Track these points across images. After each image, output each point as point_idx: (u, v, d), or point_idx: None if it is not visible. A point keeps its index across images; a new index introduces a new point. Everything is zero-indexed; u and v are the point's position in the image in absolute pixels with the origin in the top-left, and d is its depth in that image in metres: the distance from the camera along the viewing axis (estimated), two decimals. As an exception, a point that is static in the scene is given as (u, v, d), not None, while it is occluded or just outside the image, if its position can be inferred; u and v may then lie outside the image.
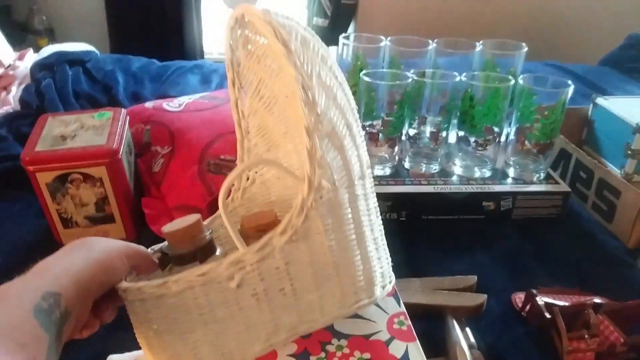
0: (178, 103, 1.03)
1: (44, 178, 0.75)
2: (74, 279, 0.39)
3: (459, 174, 0.95)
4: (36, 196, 0.77)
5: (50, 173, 0.75)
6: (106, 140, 0.78)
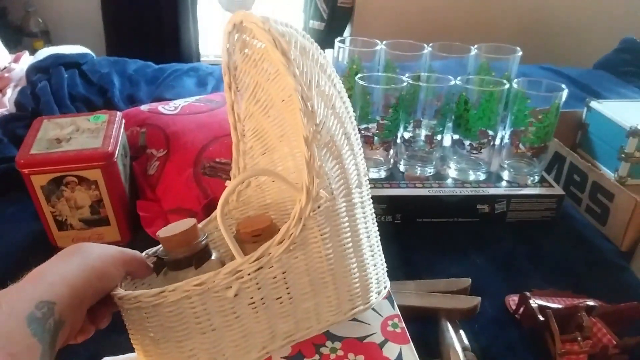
0: (174, 106, 1.03)
1: (39, 181, 0.75)
2: (68, 287, 0.38)
3: (454, 177, 0.95)
4: (31, 199, 0.77)
5: (45, 176, 0.75)
6: (101, 143, 0.78)
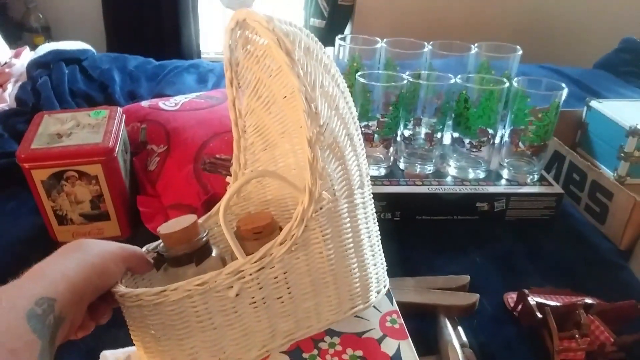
0: (174, 102, 1.03)
1: (40, 175, 0.75)
2: (68, 284, 0.39)
3: (453, 175, 0.96)
4: (31, 193, 0.77)
5: (46, 170, 0.75)
6: (102, 138, 0.78)
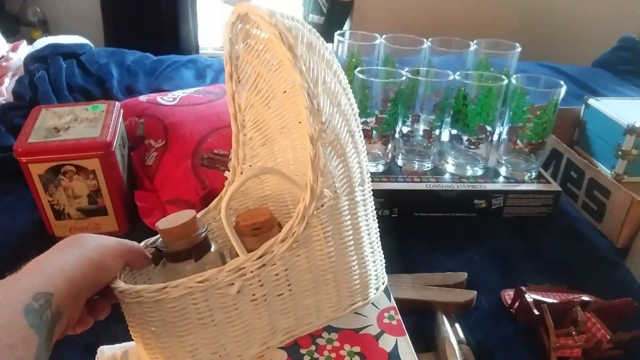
0: (172, 97, 1.03)
1: (37, 169, 0.75)
2: (66, 279, 0.38)
3: (451, 172, 0.96)
4: (29, 188, 0.77)
5: (43, 164, 0.75)
6: (100, 132, 0.78)
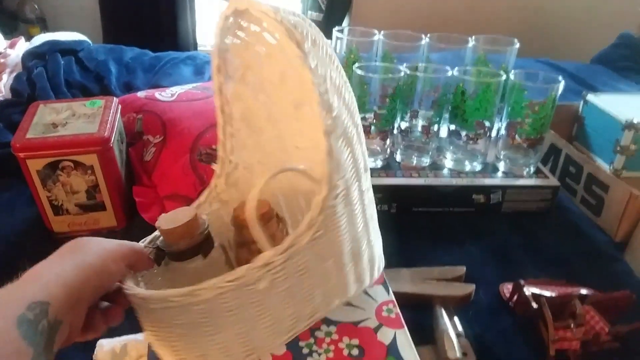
0: (170, 93, 1.03)
1: (35, 165, 0.75)
2: (64, 286, 0.37)
3: (450, 167, 0.96)
4: (27, 183, 0.77)
5: (41, 160, 0.75)
6: (98, 128, 0.78)
